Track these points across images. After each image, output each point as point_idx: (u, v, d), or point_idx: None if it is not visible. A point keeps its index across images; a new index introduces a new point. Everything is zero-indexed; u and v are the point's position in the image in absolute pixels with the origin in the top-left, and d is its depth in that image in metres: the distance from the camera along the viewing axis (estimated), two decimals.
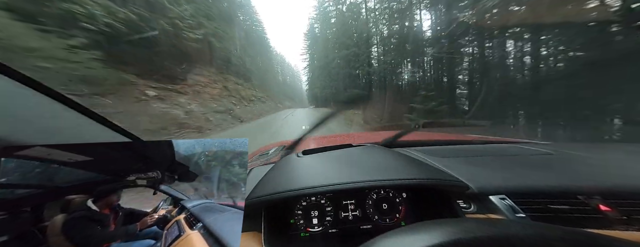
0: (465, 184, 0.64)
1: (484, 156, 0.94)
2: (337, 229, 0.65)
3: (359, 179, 0.62)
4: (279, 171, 0.78)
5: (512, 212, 0.58)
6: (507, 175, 0.70)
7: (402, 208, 0.68)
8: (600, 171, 0.75)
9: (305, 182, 0.63)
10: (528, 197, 0.61)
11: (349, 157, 0.85)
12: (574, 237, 0.27)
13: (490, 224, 0.30)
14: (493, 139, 1.34)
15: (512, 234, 0.27)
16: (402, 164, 0.75)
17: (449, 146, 1.14)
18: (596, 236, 0.27)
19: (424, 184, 0.63)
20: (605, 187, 0.62)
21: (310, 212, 0.66)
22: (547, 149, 0.97)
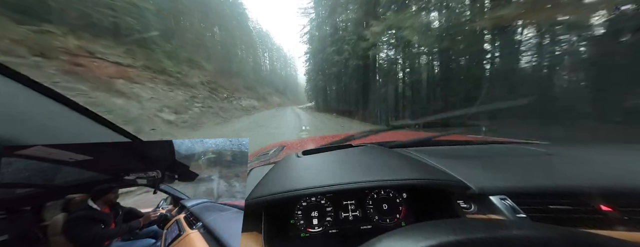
0: (465, 184, 0.64)
1: (485, 156, 0.93)
2: (337, 230, 0.65)
3: (359, 180, 0.62)
4: (279, 171, 0.78)
5: (513, 213, 0.58)
6: (507, 175, 0.70)
7: (402, 208, 0.68)
8: (600, 171, 0.75)
9: (305, 182, 0.63)
10: (528, 197, 0.61)
11: (349, 157, 0.85)
12: (574, 237, 0.27)
13: (490, 225, 0.30)
14: (493, 139, 1.34)
15: (512, 234, 0.27)
16: (402, 164, 0.75)
17: (449, 146, 1.14)
18: (596, 236, 0.27)
19: (424, 185, 0.63)
20: (605, 187, 0.61)
21: (310, 212, 0.66)
22: (547, 149, 0.97)
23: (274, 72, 63.90)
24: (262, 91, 39.30)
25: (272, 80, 57.67)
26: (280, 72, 72.57)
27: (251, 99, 27.10)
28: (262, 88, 41.59)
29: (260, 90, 38.47)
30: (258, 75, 44.36)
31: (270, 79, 55.94)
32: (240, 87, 26.08)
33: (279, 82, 64.70)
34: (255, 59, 48.02)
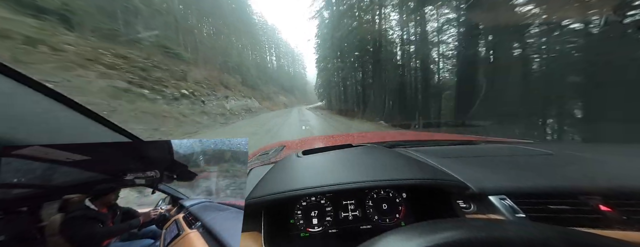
0: (465, 184, 0.64)
1: (484, 156, 0.93)
2: (337, 229, 0.65)
3: (359, 179, 0.62)
4: (279, 171, 0.78)
5: (512, 213, 0.58)
6: (507, 175, 0.70)
7: (402, 208, 0.68)
8: (600, 171, 0.75)
9: (305, 182, 0.63)
10: (528, 197, 0.61)
11: (349, 157, 0.85)
12: (574, 237, 0.27)
13: (490, 225, 0.30)
14: (493, 139, 1.34)
15: (511, 234, 0.27)
16: (402, 164, 0.75)
17: (449, 146, 1.14)
18: (595, 236, 0.27)
19: (423, 184, 0.63)
20: (605, 187, 0.61)
21: (310, 212, 0.66)
22: (547, 149, 0.97)
23: (281, 69, 59.13)
24: (266, 90, 36.19)
25: (280, 79, 53.62)
26: (287, 69, 67.45)
27: (247, 99, 22.79)
28: (267, 86, 38.59)
29: (265, 89, 35.54)
30: (263, 72, 41.31)
31: (277, 77, 51.53)
32: (235, 85, 22.14)
33: (286, 80, 59.69)
34: (260, 55, 44.18)
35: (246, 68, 30.54)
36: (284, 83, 56.39)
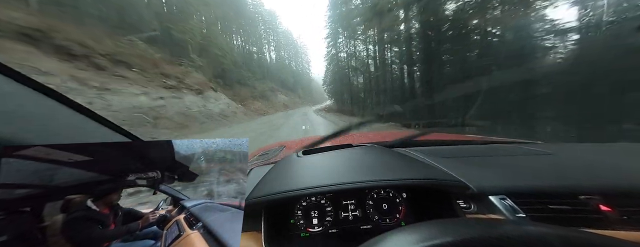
0: (465, 184, 0.64)
1: (484, 156, 0.94)
2: (337, 229, 0.65)
3: (359, 179, 0.62)
4: (279, 170, 0.78)
5: (512, 212, 0.58)
6: (507, 175, 0.70)
7: (402, 208, 0.68)
8: (600, 171, 0.75)
9: (305, 182, 0.63)
10: (528, 197, 0.61)
11: (349, 157, 0.85)
12: (574, 237, 0.27)
13: (490, 224, 0.30)
14: (493, 139, 1.34)
15: (511, 234, 0.27)
16: (402, 164, 0.75)
17: (449, 146, 1.14)
18: (594, 235, 0.27)
19: (424, 184, 0.63)
20: (605, 187, 0.61)
21: (310, 212, 0.66)
22: (547, 149, 0.97)
23: (280, 63, 48.66)
24: (261, 87, 29.51)
25: (283, 76, 45.26)
26: (288, 62, 56.06)
27: (220, 102, 14.76)
28: (262, 83, 31.74)
29: (259, 86, 29.13)
30: (256, 64, 33.95)
31: (275, 71, 42.92)
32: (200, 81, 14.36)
33: (287, 75, 49.02)
34: (258, 46, 35.27)
35: (223, 52, 22.26)
36: (285, 79, 47.13)
